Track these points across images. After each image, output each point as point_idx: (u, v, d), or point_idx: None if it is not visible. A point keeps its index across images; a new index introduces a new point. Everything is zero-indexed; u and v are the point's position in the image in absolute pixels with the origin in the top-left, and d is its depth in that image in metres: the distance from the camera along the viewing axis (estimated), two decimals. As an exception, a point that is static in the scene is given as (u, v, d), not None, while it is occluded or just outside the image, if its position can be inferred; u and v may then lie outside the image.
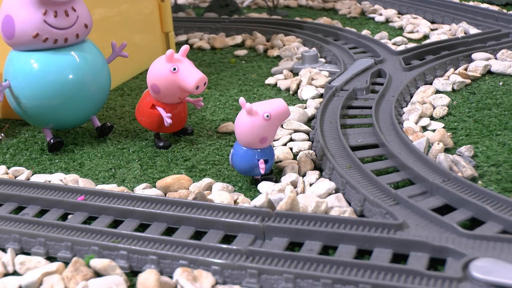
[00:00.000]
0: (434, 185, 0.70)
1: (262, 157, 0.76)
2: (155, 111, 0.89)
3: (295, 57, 1.29)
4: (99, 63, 0.92)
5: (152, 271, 0.58)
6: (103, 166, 0.86)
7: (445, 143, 0.83)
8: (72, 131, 0.99)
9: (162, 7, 1.34)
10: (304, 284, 0.56)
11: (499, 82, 1.06)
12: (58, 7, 0.85)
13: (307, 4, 1.88)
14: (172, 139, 0.94)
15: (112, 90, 1.19)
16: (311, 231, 0.63)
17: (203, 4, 2.02)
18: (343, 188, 0.73)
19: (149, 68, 0.88)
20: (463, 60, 1.15)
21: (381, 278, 0.55)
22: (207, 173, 0.83)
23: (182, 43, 1.51)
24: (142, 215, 0.70)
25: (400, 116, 0.95)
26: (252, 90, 1.13)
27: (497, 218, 0.63)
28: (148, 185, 0.79)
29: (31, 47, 0.86)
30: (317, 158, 0.82)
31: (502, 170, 0.76)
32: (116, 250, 0.63)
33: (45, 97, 0.87)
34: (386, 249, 0.60)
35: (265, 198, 0.70)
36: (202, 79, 0.85)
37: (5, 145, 0.96)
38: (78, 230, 0.67)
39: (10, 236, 0.67)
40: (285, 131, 0.93)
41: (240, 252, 0.61)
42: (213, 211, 0.68)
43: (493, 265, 0.55)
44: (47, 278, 0.60)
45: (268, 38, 1.46)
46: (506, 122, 0.90)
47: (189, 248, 0.62)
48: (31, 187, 0.77)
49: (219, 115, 1.02)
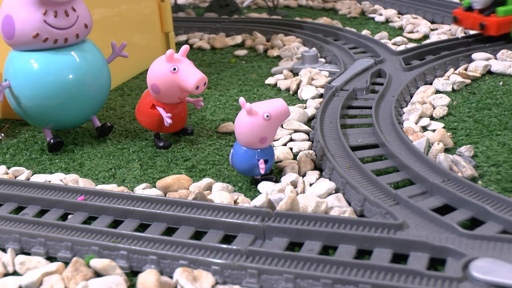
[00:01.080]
0: (434, 185, 0.70)
1: (262, 157, 0.76)
2: (155, 111, 0.89)
3: (295, 57, 1.29)
4: (99, 63, 0.92)
5: (152, 271, 0.58)
6: (103, 166, 0.86)
7: (445, 143, 0.83)
8: (72, 131, 0.99)
9: (162, 7, 1.34)
10: (304, 284, 0.56)
11: (499, 82, 1.06)
12: (58, 7, 0.85)
13: (307, 4, 1.88)
14: (172, 139, 0.94)
15: (112, 90, 1.19)
16: (311, 231, 0.63)
17: (203, 4, 2.02)
18: (343, 188, 0.73)
19: (149, 68, 0.88)
20: (463, 60, 1.16)
21: (381, 278, 0.55)
22: (207, 173, 0.83)
23: (182, 43, 1.51)
24: (142, 215, 0.70)
25: (400, 116, 0.95)
26: (252, 90, 1.13)
27: (497, 218, 0.63)
28: (148, 185, 0.79)
29: (31, 47, 0.86)
30: (317, 158, 0.82)
31: (502, 170, 0.76)
32: (116, 250, 0.63)
33: (45, 97, 0.87)
34: (386, 249, 0.60)
35: (265, 198, 0.70)
36: (202, 79, 0.85)
37: (5, 145, 0.96)
38: (78, 230, 0.67)
39: (10, 236, 0.67)
40: (285, 131, 0.93)
41: (240, 252, 0.61)
42: (213, 211, 0.68)
43: (493, 265, 0.55)
44: (47, 278, 0.60)
45: (268, 38, 1.46)
46: (506, 122, 0.90)
47: (189, 248, 0.62)
48: (31, 187, 0.77)
49: (219, 115, 1.02)
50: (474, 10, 1.22)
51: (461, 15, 1.24)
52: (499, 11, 1.18)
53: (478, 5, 1.20)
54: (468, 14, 1.22)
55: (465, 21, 1.23)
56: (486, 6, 1.20)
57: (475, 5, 1.21)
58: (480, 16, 1.20)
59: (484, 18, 1.19)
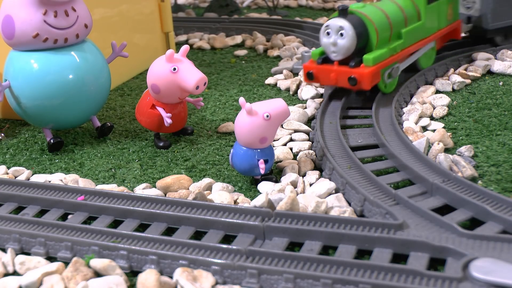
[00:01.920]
0: (434, 185, 0.70)
1: (262, 157, 0.76)
2: (155, 111, 0.89)
3: (295, 57, 1.29)
4: (99, 63, 0.92)
5: (152, 271, 0.58)
6: (103, 166, 0.86)
7: (445, 143, 0.83)
8: (72, 131, 0.99)
9: (162, 7, 1.34)
10: (304, 284, 0.56)
11: (499, 82, 1.06)
12: (58, 7, 0.85)
13: (307, 4, 1.88)
14: (172, 139, 0.94)
15: (112, 90, 1.19)
16: (311, 231, 0.63)
17: (203, 4, 2.02)
18: (343, 188, 0.73)
19: (149, 68, 0.88)
20: (463, 60, 1.16)
21: (381, 278, 0.55)
22: (207, 173, 0.83)
23: (182, 43, 1.51)
24: (142, 215, 0.70)
25: (400, 116, 0.95)
26: (252, 90, 1.13)
27: (497, 218, 0.63)
28: (148, 185, 0.79)
29: (31, 47, 0.86)
30: (317, 158, 0.82)
31: (502, 170, 0.76)
32: (116, 250, 0.63)
33: (45, 97, 0.87)
34: (386, 249, 0.60)
35: (265, 198, 0.70)
36: (202, 79, 0.85)
37: (5, 145, 0.96)
38: (78, 230, 0.67)
39: (10, 236, 0.67)
40: (285, 131, 0.93)
41: (240, 252, 0.61)
42: (213, 211, 0.68)
43: (493, 265, 0.55)
44: (47, 278, 0.60)
45: (268, 38, 1.46)
46: (506, 122, 0.90)
47: (189, 248, 0.62)
48: (31, 187, 0.77)
49: (219, 115, 1.02)
50: (333, 62, 0.95)
51: (317, 69, 0.95)
52: (367, 59, 0.92)
53: (339, 56, 0.93)
54: (327, 68, 0.95)
55: (325, 77, 0.95)
56: (348, 56, 0.94)
57: (333, 56, 0.94)
58: (346, 68, 0.93)
59: (352, 71, 0.92)
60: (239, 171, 0.78)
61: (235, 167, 0.78)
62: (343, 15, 0.94)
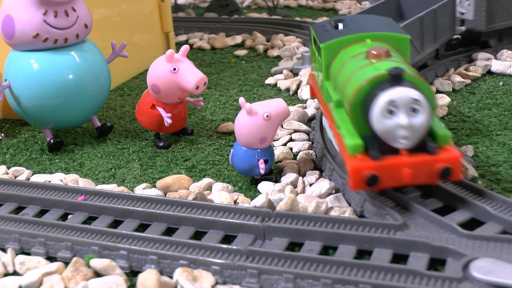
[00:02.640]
0: (434, 185, 0.69)
1: (262, 157, 0.76)
2: (155, 111, 0.89)
3: (295, 57, 1.29)
4: (99, 63, 0.92)
5: (152, 271, 0.58)
6: (103, 166, 0.86)
7: (445, 143, 0.83)
8: (72, 131, 0.99)
9: (162, 7, 1.34)
10: (304, 284, 0.56)
11: (499, 82, 1.06)
12: (58, 7, 0.85)
13: (307, 4, 1.88)
14: (172, 139, 0.94)
15: (112, 90, 1.19)
16: (311, 231, 0.63)
17: (203, 4, 2.02)
18: (343, 189, 0.73)
19: (149, 68, 0.88)
20: (463, 60, 1.15)
21: (381, 278, 0.55)
22: (207, 173, 0.83)
23: (182, 43, 1.51)
24: (142, 215, 0.70)
25: (400, 116, 0.95)
26: (252, 90, 1.13)
27: (497, 219, 0.63)
28: (148, 185, 0.79)
29: (31, 47, 0.86)
30: (317, 159, 0.82)
31: (502, 170, 0.76)
32: (116, 250, 0.63)
33: (45, 97, 0.87)
34: (386, 249, 0.60)
35: (265, 198, 0.70)
36: (202, 79, 0.85)
37: (5, 145, 0.96)
38: (78, 230, 0.67)
39: (10, 236, 0.67)
40: (285, 131, 0.93)
41: (240, 252, 0.61)
42: (213, 211, 0.68)
43: (493, 265, 0.55)
44: (47, 278, 0.60)
45: (268, 38, 1.46)
46: (506, 122, 0.90)
47: (189, 248, 0.62)
48: (31, 187, 0.77)
49: (219, 115, 1.02)
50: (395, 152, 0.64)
51: (381, 168, 0.63)
52: (444, 136, 0.65)
53: (411, 141, 0.63)
54: (394, 163, 0.63)
55: (394, 176, 0.63)
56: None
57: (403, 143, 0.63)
58: (425, 157, 0.63)
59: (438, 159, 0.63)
60: (239, 171, 0.78)
61: (235, 167, 0.78)
62: (398, 82, 0.62)
